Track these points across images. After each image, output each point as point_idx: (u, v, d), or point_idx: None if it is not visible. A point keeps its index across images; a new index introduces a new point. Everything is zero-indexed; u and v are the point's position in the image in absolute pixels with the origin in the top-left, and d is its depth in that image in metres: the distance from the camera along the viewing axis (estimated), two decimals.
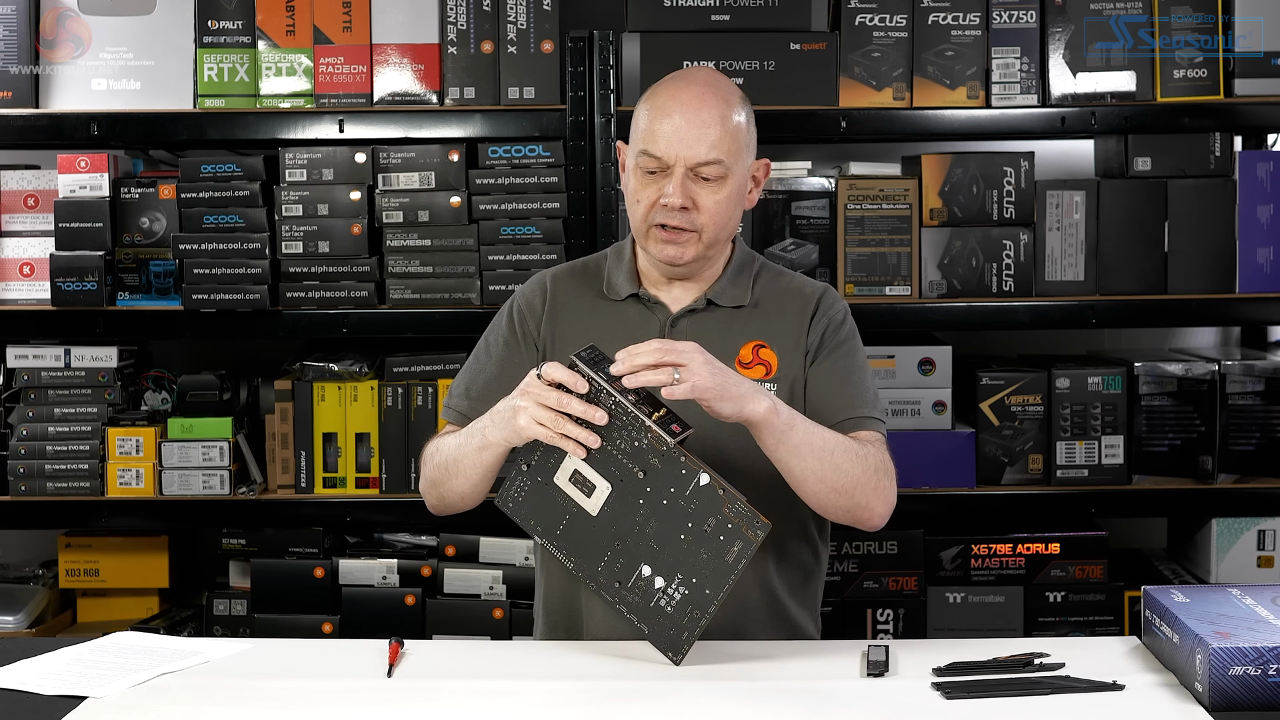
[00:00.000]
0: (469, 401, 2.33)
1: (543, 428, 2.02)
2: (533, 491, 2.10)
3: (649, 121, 2.23)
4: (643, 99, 2.29)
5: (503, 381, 2.28)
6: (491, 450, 2.15)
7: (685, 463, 2.00)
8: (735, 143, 2.23)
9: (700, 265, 2.28)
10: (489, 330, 2.41)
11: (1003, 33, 3.06)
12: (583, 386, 2.01)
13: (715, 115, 2.21)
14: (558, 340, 2.32)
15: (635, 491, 2.03)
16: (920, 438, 3.11)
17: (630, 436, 2.02)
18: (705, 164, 2.20)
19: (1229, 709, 1.82)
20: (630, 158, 2.27)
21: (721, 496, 1.99)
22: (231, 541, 3.20)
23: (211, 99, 3.10)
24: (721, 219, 2.23)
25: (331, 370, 3.15)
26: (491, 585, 3.11)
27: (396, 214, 3.10)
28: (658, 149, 2.21)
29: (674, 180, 2.20)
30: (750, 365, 2.28)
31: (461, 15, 3.08)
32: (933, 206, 3.10)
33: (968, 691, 1.93)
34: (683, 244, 2.23)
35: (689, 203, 2.20)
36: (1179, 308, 3.10)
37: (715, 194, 2.22)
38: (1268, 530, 3.13)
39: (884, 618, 3.13)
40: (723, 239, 2.27)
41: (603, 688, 1.98)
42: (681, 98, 2.22)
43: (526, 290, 2.39)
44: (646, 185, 2.23)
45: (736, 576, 1.99)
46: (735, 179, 2.24)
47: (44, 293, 3.14)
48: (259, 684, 2.01)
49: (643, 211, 2.24)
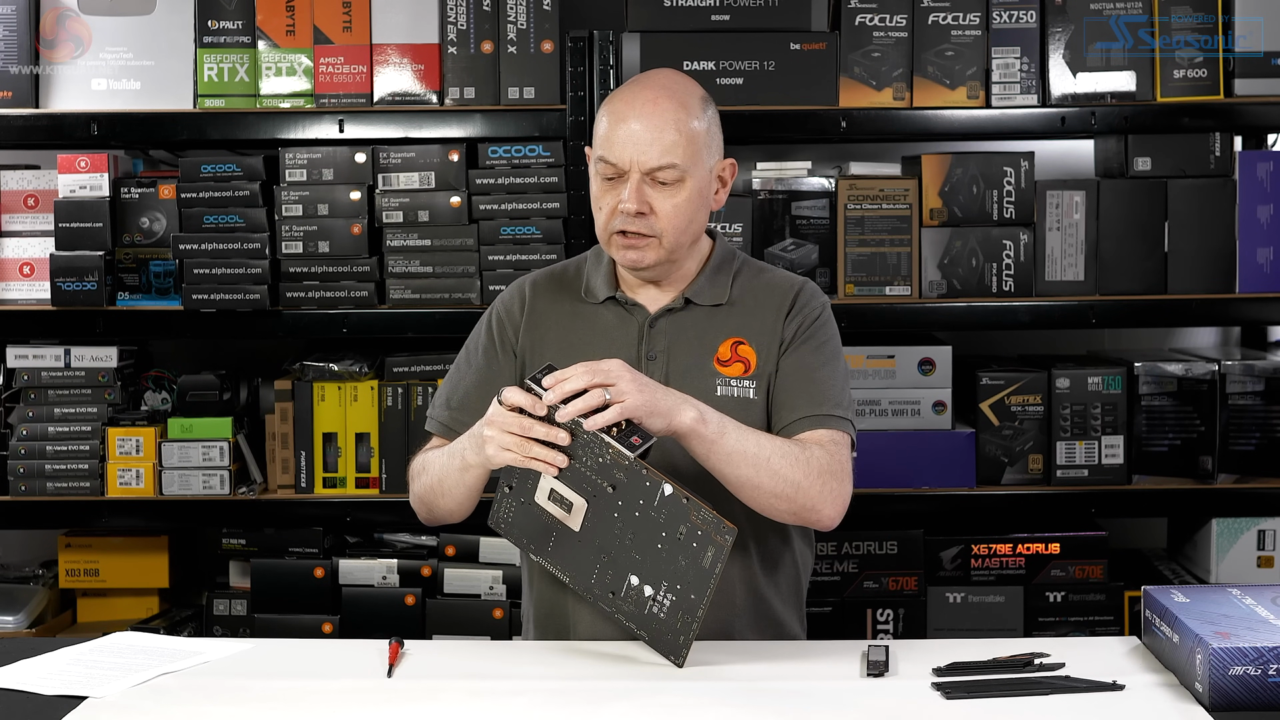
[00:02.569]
0: (450, 412, 2.34)
1: (510, 453, 2.04)
2: (519, 512, 2.12)
3: (607, 128, 2.23)
4: (602, 105, 2.28)
5: (482, 391, 2.29)
6: (472, 472, 2.17)
7: (648, 475, 2.01)
8: (693, 145, 2.21)
9: (667, 269, 2.28)
10: (470, 338, 2.41)
11: (1003, 33, 3.06)
12: (541, 409, 2.02)
13: (669, 120, 2.20)
14: (537, 347, 2.32)
15: (609, 505, 2.04)
16: (920, 438, 3.11)
17: (594, 453, 2.03)
18: (660, 169, 2.19)
19: (1229, 709, 1.82)
20: (592, 163, 2.28)
21: (686, 505, 1.99)
22: (231, 541, 3.20)
23: (211, 99, 3.10)
24: (680, 223, 2.22)
25: (331, 370, 3.15)
26: (491, 585, 3.11)
27: (396, 214, 3.10)
28: (613, 155, 2.21)
29: (629, 186, 2.19)
30: (729, 363, 2.28)
31: (461, 15, 3.08)
32: (933, 206, 3.10)
33: (968, 691, 1.93)
34: (642, 249, 2.22)
35: (645, 208, 2.20)
36: (1179, 308, 3.10)
37: (673, 198, 2.21)
38: (1268, 530, 3.13)
39: (884, 618, 3.13)
40: (684, 242, 2.26)
41: (603, 688, 1.98)
42: (636, 103, 2.21)
43: (506, 297, 2.39)
44: (606, 192, 2.23)
45: (716, 580, 2.00)
46: (694, 181, 2.22)
47: (44, 293, 3.14)
48: (259, 684, 2.01)
49: (604, 218, 2.24)
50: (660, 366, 2.26)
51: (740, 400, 2.25)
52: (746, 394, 2.26)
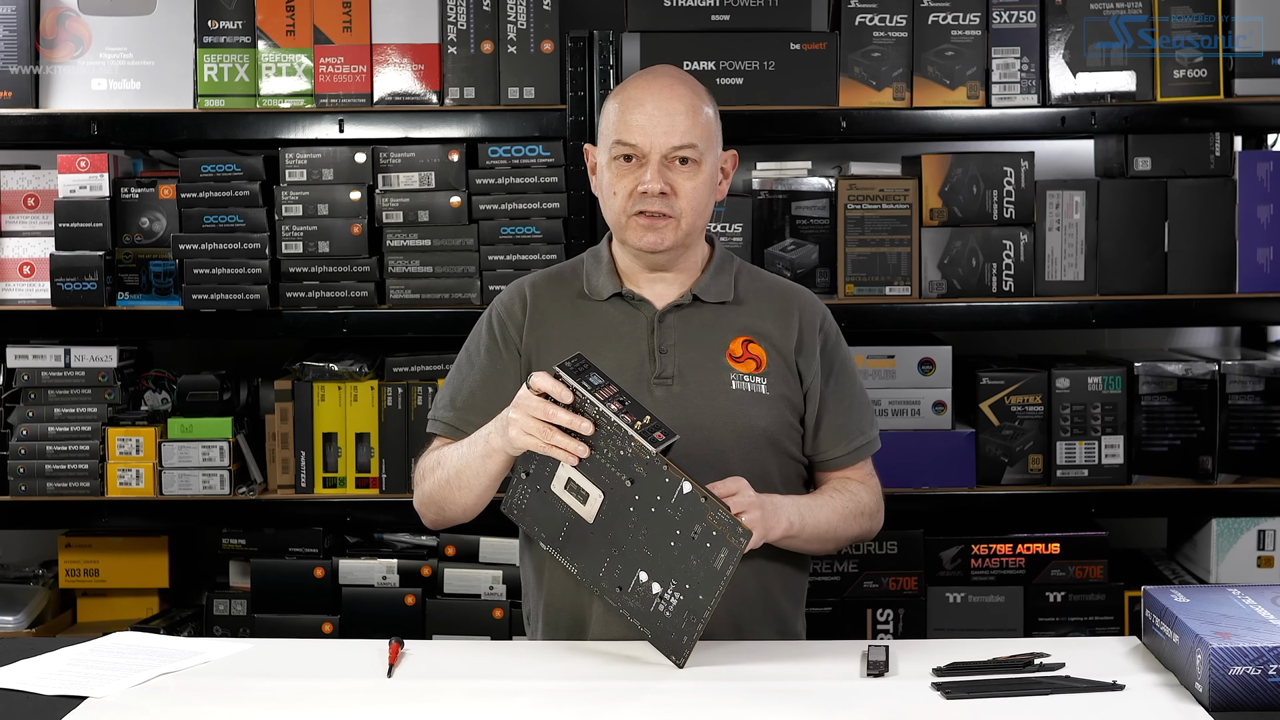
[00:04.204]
0: (455, 412, 2.34)
1: (532, 438, 2.05)
2: (534, 499, 2.12)
3: (620, 113, 2.27)
4: (610, 97, 2.32)
5: (487, 389, 2.30)
6: (495, 458, 2.16)
7: (668, 471, 2.01)
8: (706, 130, 2.28)
9: (678, 254, 2.30)
10: (468, 342, 2.41)
11: (1003, 33, 3.06)
12: (567, 396, 2.04)
13: (686, 104, 2.26)
14: (542, 345, 2.32)
15: (625, 499, 2.04)
16: (920, 438, 3.11)
17: (616, 445, 2.03)
18: (681, 148, 2.24)
19: (1229, 709, 1.82)
20: (603, 154, 2.30)
21: (704, 505, 1.99)
22: (231, 541, 3.20)
23: (211, 99, 3.10)
24: (698, 205, 2.27)
25: (331, 370, 3.15)
26: (491, 585, 3.11)
27: (396, 214, 3.10)
28: (633, 138, 2.25)
29: (651, 167, 2.24)
30: (741, 359, 2.31)
31: (461, 15, 3.08)
32: (933, 206, 3.10)
33: (968, 691, 1.93)
34: (661, 230, 2.25)
35: (667, 188, 2.24)
36: (1179, 308, 3.10)
37: (692, 179, 2.26)
38: (1268, 530, 3.13)
39: (884, 618, 3.13)
40: (700, 226, 2.31)
41: (603, 688, 1.98)
42: (652, 88, 2.27)
43: (505, 298, 2.39)
44: (623, 175, 2.26)
45: (726, 582, 2.00)
46: (708, 166, 2.28)
47: (44, 293, 3.14)
48: (259, 684, 2.01)
49: (621, 202, 2.27)
50: (672, 360, 2.27)
51: (754, 395, 2.28)
52: (760, 390, 2.29)
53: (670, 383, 2.26)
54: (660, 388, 2.26)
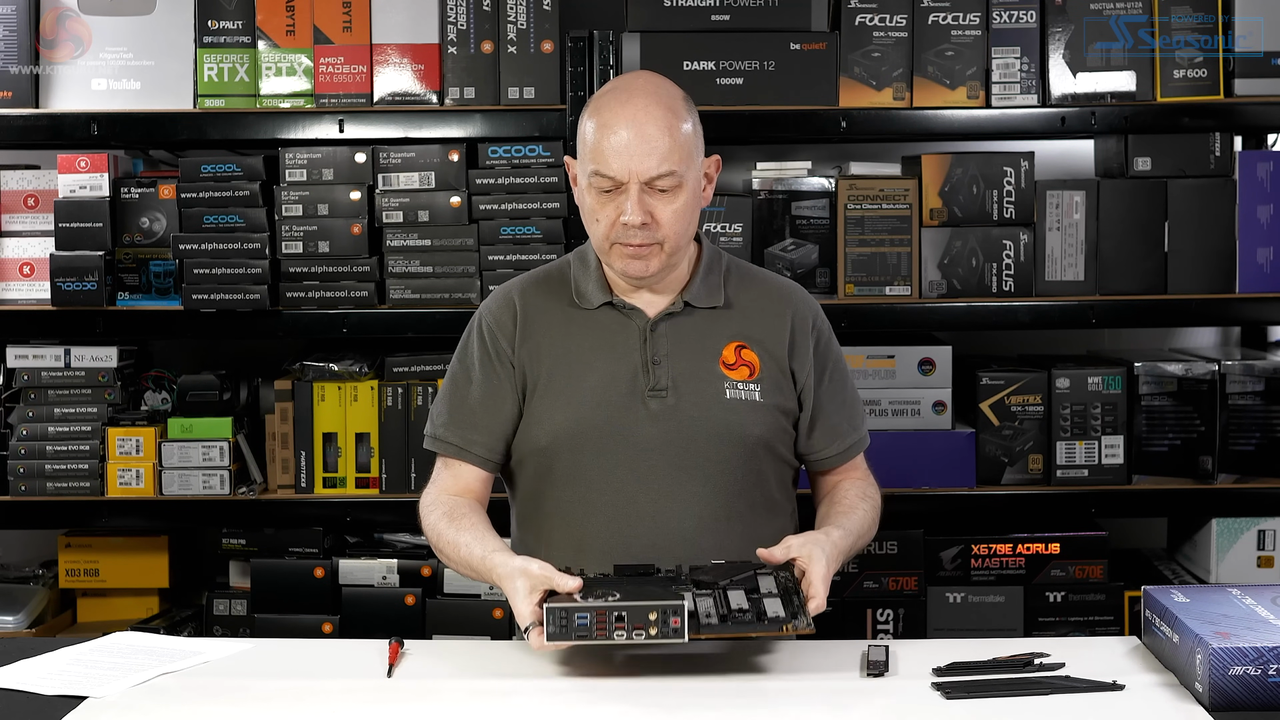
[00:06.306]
0: (461, 432, 2.30)
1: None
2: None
3: (596, 139, 2.19)
4: (587, 112, 2.24)
5: (487, 406, 2.29)
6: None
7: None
8: (685, 150, 2.20)
9: (665, 273, 2.28)
10: (459, 353, 2.36)
11: (1003, 33, 3.06)
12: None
13: (662, 127, 2.17)
14: (534, 357, 2.29)
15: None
16: (920, 438, 3.11)
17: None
18: (659, 177, 2.17)
19: (1229, 709, 1.82)
20: (581, 176, 2.25)
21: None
22: (231, 541, 3.20)
23: (211, 99, 3.10)
24: (681, 227, 2.22)
25: (331, 370, 3.15)
26: (491, 585, 3.09)
27: (396, 214, 3.10)
28: (609, 168, 2.17)
29: (631, 198, 2.17)
30: (735, 366, 2.29)
31: (461, 15, 3.08)
32: (933, 206, 3.10)
33: (968, 691, 1.93)
34: (646, 258, 2.21)
35: (648, 218, 2.18)
36: (1179, 308, 3.10)
37: (672, 203, 2.19)
38: (1268, 530, 3.13)
39: (884, 618, 3.13)
40: (685, 243, 2.27)
41: (602, 687, 1.98)
42: (625, 113, 2.18)
43: (494, 308, 2.34)
44: (604, 204, 2.20)
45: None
46: (690, 184, 2.22)
47: (44, 293, 3.14)
48: (259, 684, 2.01)
49: (603, 230, 2.21)
50: (665, 372, 2.26)
51: (749, 403, 2.26)
52: (754, 397, 2.27)
53: (664, 395, 2.24)
54: (655, 400, 2.24)
